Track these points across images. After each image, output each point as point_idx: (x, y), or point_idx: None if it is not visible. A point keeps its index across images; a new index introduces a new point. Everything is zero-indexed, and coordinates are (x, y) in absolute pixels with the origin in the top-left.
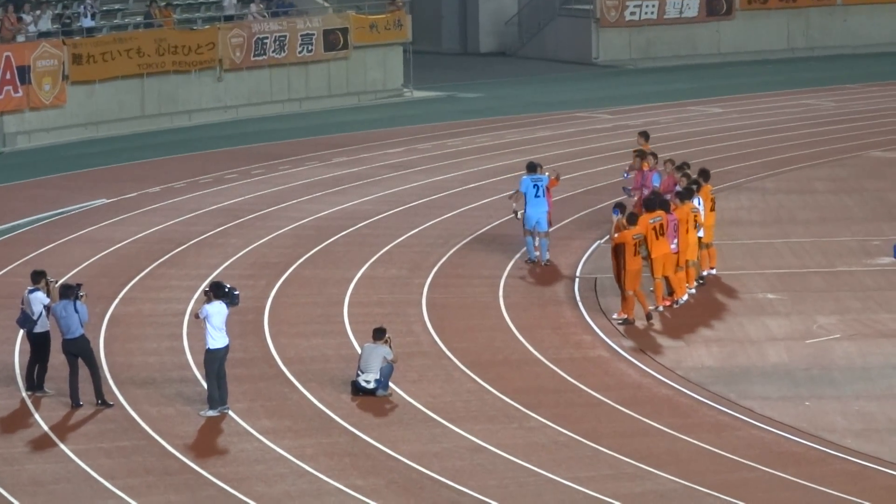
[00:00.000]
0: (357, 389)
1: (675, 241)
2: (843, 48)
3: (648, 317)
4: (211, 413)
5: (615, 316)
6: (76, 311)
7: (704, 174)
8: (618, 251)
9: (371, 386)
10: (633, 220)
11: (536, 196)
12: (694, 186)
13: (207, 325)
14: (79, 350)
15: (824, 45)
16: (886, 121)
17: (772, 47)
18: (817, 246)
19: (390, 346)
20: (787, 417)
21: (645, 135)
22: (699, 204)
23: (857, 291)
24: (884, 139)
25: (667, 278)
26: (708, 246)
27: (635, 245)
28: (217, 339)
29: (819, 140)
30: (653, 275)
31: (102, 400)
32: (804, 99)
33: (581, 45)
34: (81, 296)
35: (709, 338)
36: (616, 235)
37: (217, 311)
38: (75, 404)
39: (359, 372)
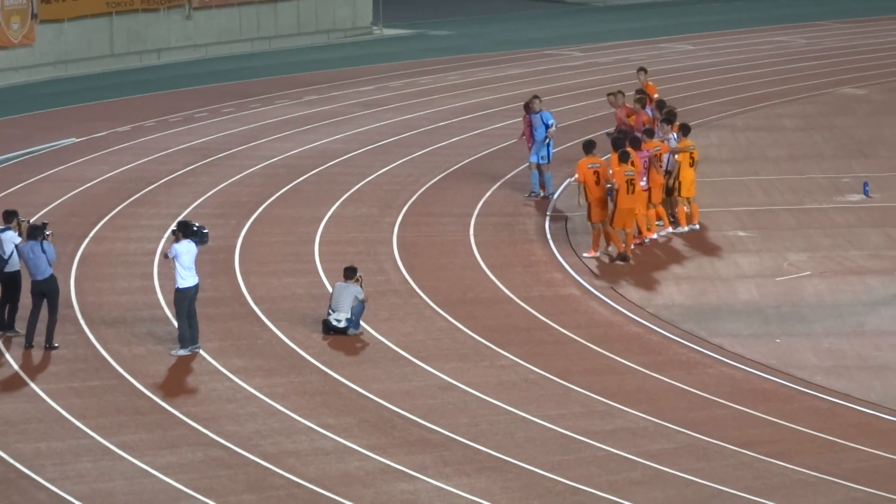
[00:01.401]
0: (328, 328)
1: (645, 178)
2: None
3: (619, 258)
4: (181, 352)
5: (586, 255)
6: (43, 251)
7: (684, 128)
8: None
9: (342, 325)
10: (625, 157)
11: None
12: (667, 122)
13: (177, 265)
14: (46, 289)
15: None
16: (857, 58)
17: None
18: (787, 183)
19: (361, 285)
20: (758, 355)
21: (644, 70)
22: (674, 142)
23: (826, 229)
24: (854, 76)
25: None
26: (689, 201)
27: (627, 182)
28: (186, 278)
29: (789, 77)
30: (611, 224)
31: (50, 343)
32: (776, 36)
33: None
34: (48, 234)
35: (679, 275)
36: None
37: (186, 250)
38: (28, 345)
39: (329, 311)
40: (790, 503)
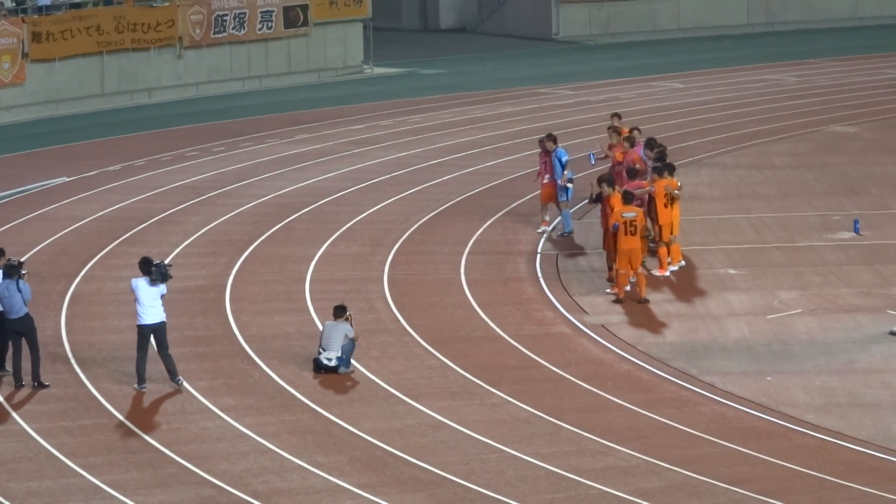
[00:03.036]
0: (319, 367)
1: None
2: (802, 23)
3: (618, 300)
4: (139, 387)
5: (608, 290)
6: (19, 290)
7: (669, 168)
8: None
9: (333, 363)
10: (628, 198)
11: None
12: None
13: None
14: (23, 329)
15: (784, 20)
16: (847, 95)
17: (732, 22)
18: (778, 221)
19: (351, 324)
20: (749, 392)
21: (618, 115)
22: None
23: (817, 266)
24: (844, 114)
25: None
26: (669, 243)
27: (626, 224)
28: (143, 315)
29: (779, 115)
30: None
31: (39, 381)
32: (765, 74)
33: (541, 21)
34: (24, 274)
35: (670, 313)
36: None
37: (140, 286)
38: (17, 384)
39: (320, 350)
40: None
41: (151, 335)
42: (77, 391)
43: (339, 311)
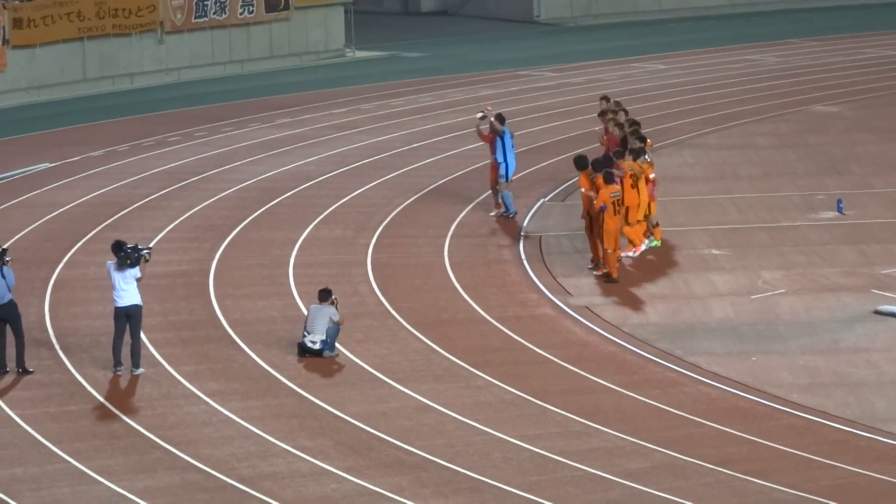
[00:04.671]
0: (303, 350)
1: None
2: (783, 3)
3: (610, 279)
4: (115, 370)
5: (596, 273)
6: (3, 276)
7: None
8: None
9: (317, 347)
10: (609, 178)
11: (513, 147)
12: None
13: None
14: (7, 315)
15: (765, 1)
16: (828, 75)
17: (713, 3)
18: (761, 201)
19: (337, 308)
20: (734, 373)
21: (606, 99)
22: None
23: (801, 246)
24: (826, 94)
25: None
26: (632, 224)
27: (614, 204)
28: (116, 298)
29: (761, 95)
30: (603, 245)
31: (23, 368)
32: (747, 55)
33: (522, 4)
34: (7, 261)
35: (654, 294)
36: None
37: (111, 269)
38: (1, 371)
39: (305, 333)
40: None
41: (126, 318)
42: (61, 377)
43: (325, 295)
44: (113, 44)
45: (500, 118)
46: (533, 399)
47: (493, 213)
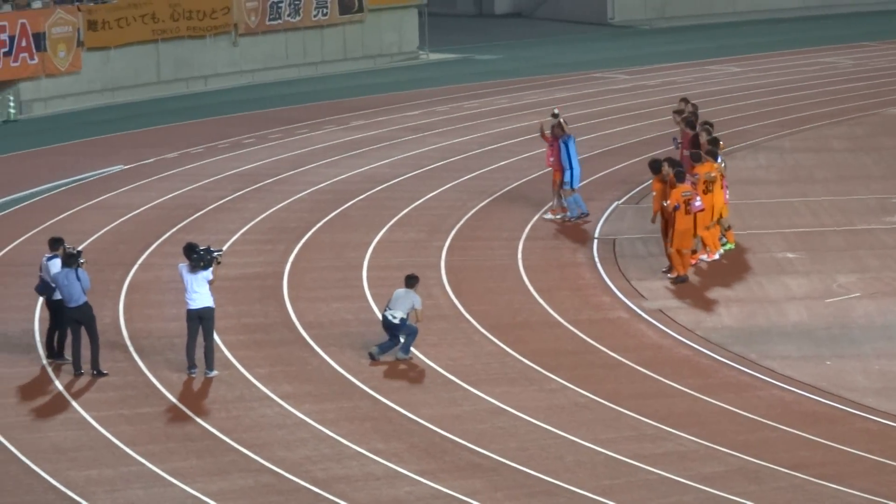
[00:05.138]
0: (385, 324)
1: (699, 200)
2: (858, 5)
3: (678, 280)
4: (189, 372)
5: (671, 275)
6: (78, 278)
7: (710, 153)
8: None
9: (397, 321)
10: (681, 177)
11: (577, 154)
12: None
13: None
14: (82, 317)
15: (840, 3)
16: None
17: (788, 5)
18: (835, 204)
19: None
20: (808, 377)
21: (685, 100)
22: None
23: (876, 249)
24: None
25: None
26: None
27: (685, 203)
28: (189, 300)
29: (837, 98)
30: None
31: (98, 370)
32: (822, 57)
33: (596, 6)
34: (82, 262)
35: (729, 298)
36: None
37: (183, 272)
38: (76, 372)
39: (387, 308)
40: None
41: (199, 320)
42: (136, 379)
43: (411, 281)
44: (187, 46)
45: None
46: (606, 402)
47: (547, 216)
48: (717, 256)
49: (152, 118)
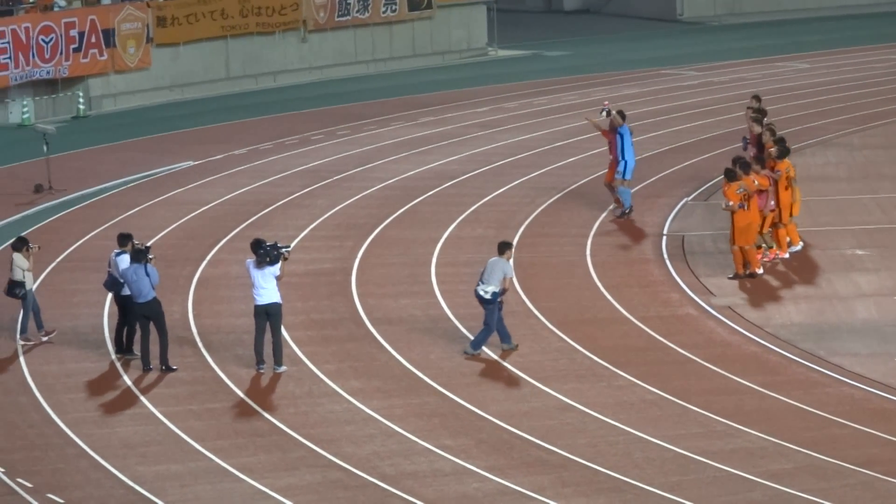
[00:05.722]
0: (479, 299)
1: (773, 199)
2: None
3: (736, 276)
4: (258, 368)
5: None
6: (147, 274)
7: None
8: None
9: (488, 296)
10: (732, 176)
11: (632, 145)
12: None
13: None
14: (150, 313)
15: None
16: None
17: (857, 2)
18: None
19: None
20: (877, 374)
21: (756, 98)
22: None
23: None
24: None
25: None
26: (785, 224)
27: (743, 198)
28: (256, 295)
29: None
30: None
31: (167, 365)
32: (891, 54)
33: (665, 2)
34: (151, 258)
35: (797, 295)
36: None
37: (250, 267)
38: (145, 368)
39: (480, 282)
40: None
41: (266, 316)
42: (204, 374)
43: (503, 247)
44: (256, 42)
45: (622, 115)
46: (675, 399)
47: (611, 208)
48: (786, 254)
49: (221, 114)
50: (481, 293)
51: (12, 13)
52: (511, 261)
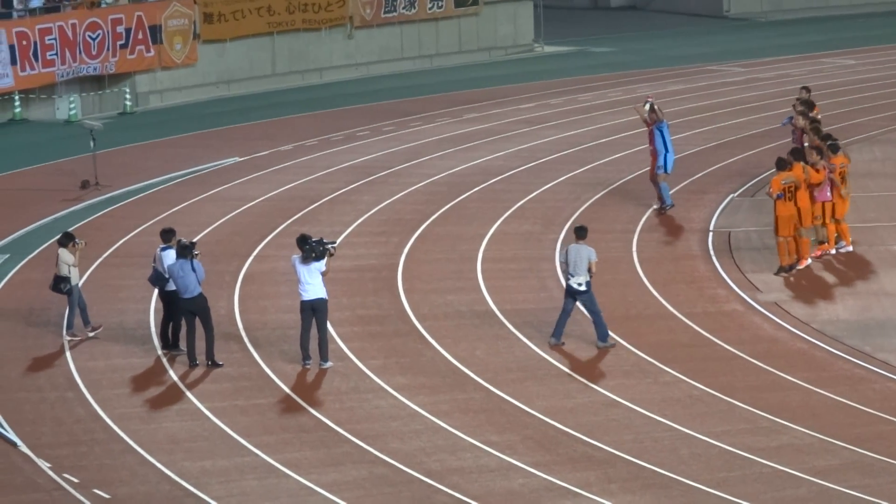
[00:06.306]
0: (570, 292)
1: (829, 191)
2: None
3: (780, 270)
4: (303, 364)
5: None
6: (193, 269)
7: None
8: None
9: (583, 288)
10: (781, 165)
11: (671, 140)
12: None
13: None
14: (196, 308)
15: None
16: None
17: None
18: None
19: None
20: None
21: (806, 89)
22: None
23: None
24: None
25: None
26: (838, 222)
27: (785, 190)
28: (302, 291)
29: None
30: (775, 233)
31: (213, 360)
32: None
33: None
34: (197, 254)
35: (844, 291)
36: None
37: (296, 263)
38: (191, 363)
39: (570, 275)
40: None
41: (312, 311)
42: (250, 370)
43: (581, 232)
44: (302, 38)
45: (654, 109)
46: (721, 395)
47: (654, 206)
48: (832, 251)
49: (267, 111)
50: (575, 286)
51: (59, 10)
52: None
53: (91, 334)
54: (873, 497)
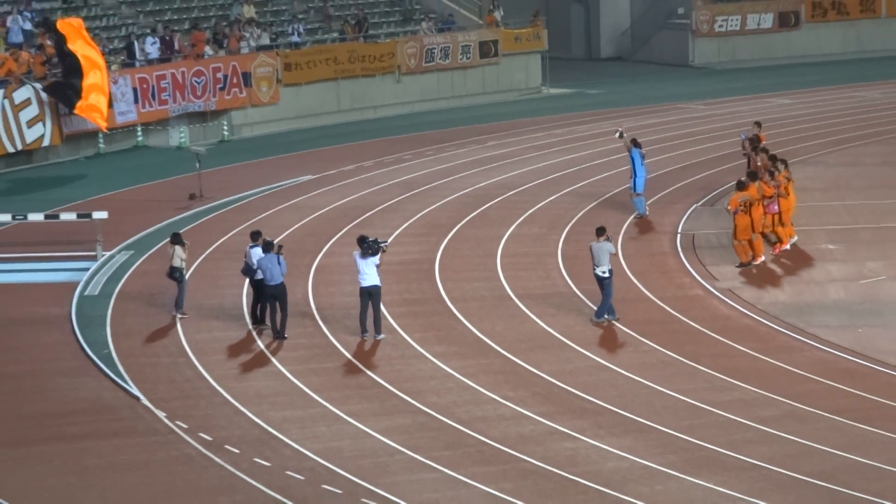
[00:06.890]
0: (598, 280)
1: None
2: (887, 51)
3: (741, 265)
4: (362, 336)
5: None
6: (279, 263)
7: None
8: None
9: (606, 275)
10: (740, 186)
11: (642, 164)
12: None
13: None
14: (277, 293)
15: (872, 49)
16: None
17: (831, 51)
18: (868, 207)
19: (610, 241)
20: (845, 342)
21: (758, 124)
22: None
23: None
24: None
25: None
26: (783, 226)
27: (742, 205)
28: (361, 279)
29: (869, 123)
30: (734, 237)
31: (280, 334)
32: (857, 92)
33: (680, 51)
34: (282, 253)
35: (783, 280)
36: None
37: (356, 257)
38: (275, 335)
39: (595, 266)
40: (870, 457)
41: (368, 295)
42: (321, 341)
43: (601, 231)
44: (361, 83)
45: (635, 142)
46: (687, 361)
47: (634, 214)
48: (787, 247)
49: (334, 139)
50: (600, 274)
51: (171, 60)
52: (609, 240)
53: (180, 317)
54: (804, 440)
